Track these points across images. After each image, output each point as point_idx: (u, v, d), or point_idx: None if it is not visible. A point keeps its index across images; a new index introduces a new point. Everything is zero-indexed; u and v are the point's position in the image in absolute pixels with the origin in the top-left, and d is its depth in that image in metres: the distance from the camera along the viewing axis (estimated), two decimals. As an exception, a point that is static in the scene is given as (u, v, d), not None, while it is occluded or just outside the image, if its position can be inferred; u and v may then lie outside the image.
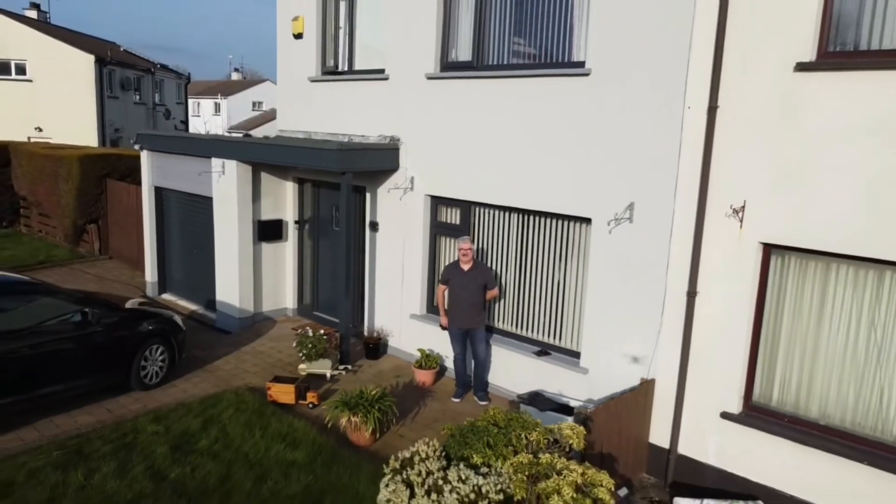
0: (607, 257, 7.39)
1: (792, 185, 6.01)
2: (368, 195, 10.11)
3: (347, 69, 10.48)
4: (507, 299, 8.81)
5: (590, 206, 7.49)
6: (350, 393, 7.36)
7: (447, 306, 8.40)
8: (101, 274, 14.37)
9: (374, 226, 10.08)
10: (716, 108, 6.37)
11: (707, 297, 6.67)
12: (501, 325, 8.88)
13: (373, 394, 7.35)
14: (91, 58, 28.49)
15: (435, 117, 9.02)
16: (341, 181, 9.17)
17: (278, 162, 10.43)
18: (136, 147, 13.25)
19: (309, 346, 9.09)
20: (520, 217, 8.52)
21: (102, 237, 16.03)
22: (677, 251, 6.79)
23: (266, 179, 11.14)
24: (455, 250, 8.67)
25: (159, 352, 8.59)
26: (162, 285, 13.19)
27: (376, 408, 7.17)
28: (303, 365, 9.14)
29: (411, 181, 9.39)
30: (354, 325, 10.19)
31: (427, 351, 9.13)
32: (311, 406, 8.11)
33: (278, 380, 8.38)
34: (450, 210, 9.27)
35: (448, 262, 8.88)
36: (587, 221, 7.66)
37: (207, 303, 11.97)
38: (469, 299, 8.21)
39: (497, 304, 8.85)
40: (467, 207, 8.98)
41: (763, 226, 6.24)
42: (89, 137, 28.86)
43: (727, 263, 6.49)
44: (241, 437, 7.06)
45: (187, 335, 9.24)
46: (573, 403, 7.32)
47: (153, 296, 12.97)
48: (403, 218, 9.61)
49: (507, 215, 8.65)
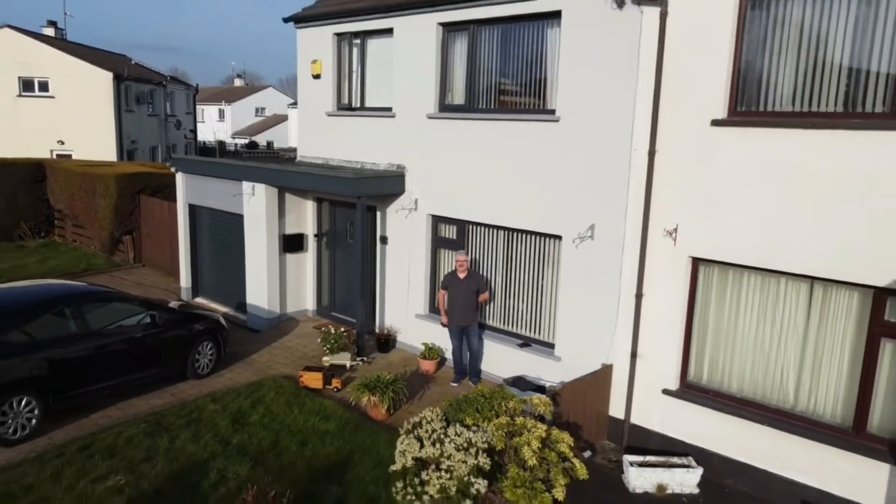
0: (574, 267, 9.20)
1: (710, 213, 7.82)
2: (379, 213, 11.91)
3: (360, 106, 12.28)
4: (496, 301, 10.62)
5: (560, 226, 9.30)
6: (369, 378, 9.17)
7: (446, 308, 10.20)
8: (139, 280, 16.14)
9: (384, 239, 11.88)
10: (654, 152, 8.17)
11: (651, 299, 8.47)
12: (491, 323, 10.70)
13: (387, 378, 9.16)
14: (109, 75, 30.25)
15: (435, 150, 10.82)
16: (357, 203, 10.97)
17: (302, 187, 12.23)
18: (171, 168, 14.98)
19: (332, 342, 10.91)
20: (506, 234, 10.33)
21: (136, 247, 17.83)
22: (627, 262, 8.60)
23: (289, 199, 12.94)
24: (453, 261, 10.49)
25: (209, 347, 10.40)
26: (195, 290, 14.98)
27: (390, 389, 8.98)
28: (326, 357, 10.94)
29: (415, 203, 11.19)
30: (368, 324, 11.98)
31: (430, 344, 10.94)
32: (336, 390, 9.91)
33: (308, 369, 10.18)
34: (448, 227, 11.08)
35: (447, 271, 10.68)
36: (559, 238, 9.46)
37: (237, 305, 13.75)
38: (465, 302, 10.02)
39: (488, 306, 10.66)
40: (463, 225, 10.79)
41: (691, 243, 8.05)
42: (108, 149, 30.62)
43: (665, 272, 8.30)
44: (283, 413, 8.87)
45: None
46: (548, 384, 9.13)
47: (187, 299, 14.74)
48: (409, 233, 11.41)
49: (496, 232, 10.46)
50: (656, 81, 8.04)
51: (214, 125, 65.28)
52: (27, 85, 30.28)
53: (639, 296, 8.51)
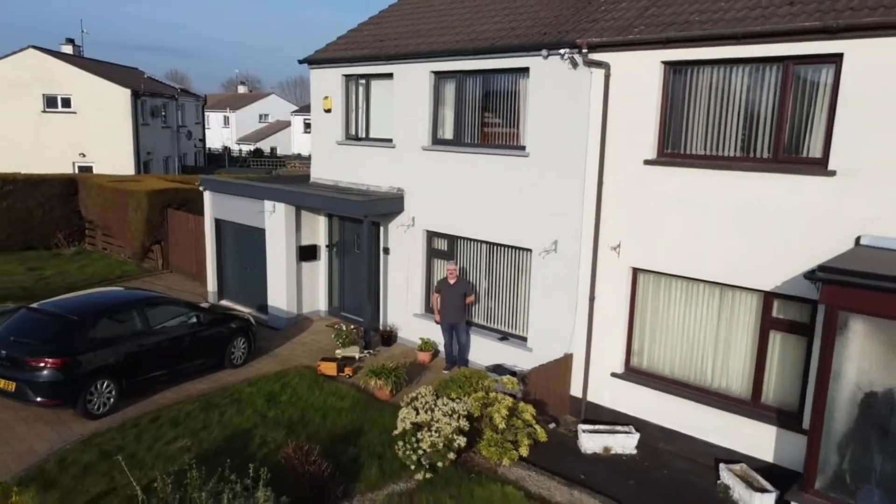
0: (542, 275, 11.31)
1: (644, 233, 9.92)
2: (382, 228, 14.00)
3: (365, 136, 14.39)
4: (481, 303, 12.72)
5: (530, 242, 11.40)
6: (375, 366, 11.28)
7: (439, 308, 12.29)
8: (169, 285, 18.23)
9: (387, 250, 13.99)
10: (602, 183, 10.27)
11: (601, 300, 10.57)
12: (477, 320, 12.80)
13: (390, 367, 11.27)
14: (127, 91, 32.40)
15: (429, 176, 12.92)
16: (363, 220, 13.07)
17: (317, 206, 14.34)
18: (200, 187, 17.06)
19: (343, 337, 13.02)
20: (488, 247, 12.44)
21: (164, 255, 19.94)
22: (583, 271, 10.69)
23: (304, 215, 15.03)
24: (444, 269, 12.58)
25: (242, 342, 12.50)
26: (220, 293, 17.08)
27: (393, 375, 11.09)
28: (339, 350, 13.04)
29: (413, 220, 13.29)
30: (373, 322, 14.05)
31: (426, 339, 13.04)
32: (348, 377, 12.01)
33: (324, 359, 12.29)
34: (440, 241, 13.18)
35: (440, 278, 12.77)
36: (529, 251, 11.57)
37: (259, 307, 15.83)
38: (454, 303, 12.11)
39: (474, 307, 12.75)
40: (452, 239, 12.89)
41: (631, 257, 10.16)
42: (126, 161, 32.80)
43: (612, 279, 10.40)
44: (307, 394, 10.98)
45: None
46: (519, 370, 11.24)
47: (214, 301, 16.83)
48: (407, 245, 13.51)
49: (480, 245, 12.57)
50: (602, 127, 10.14)
51: (220, 131, 67.34)
52: (51, 101, 32.44)
53: (592, 298, 10.61)
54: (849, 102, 7.97)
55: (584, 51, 10.04)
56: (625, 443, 9.88)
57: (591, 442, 9.86)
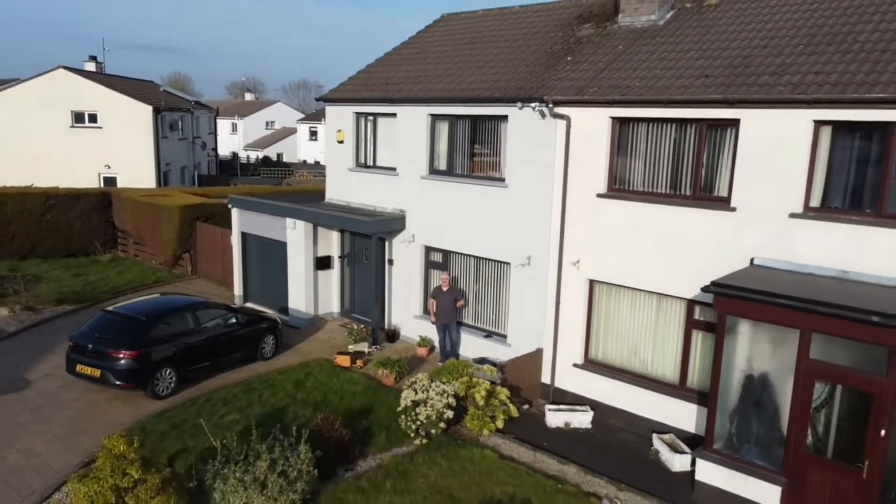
0: (519, 283, 13.82)
1: (598, 251, 12.44)
2: (387, 243, 16.52)
3: (372, 164, 16.92)
4: (469, 306, 15.25)
5: (509, 256, 13.91)
6: (382, 359, 13.82)
7: (435, 311, 14.79)
8: (199, 290, 20.74)
9: (391, 261, 16.51)
10: (565, 211, 12.77)
11: (566, 305, 13.08)
12: (466, 321, 15.32)
13: (394, 359, 13.80)
14: (149, 108, 34.93)
15: (426, 200, 15.43)
16: (372, 236, 15.60)
17: (332, 224, 16.87)
18: (229, 205, 19.56)
19: (354, 335, 15.56)
20: (475, 260, 14.96)
21: (193, 262, 22.48)
22: (550, 281, 13.20)
23: (321, 230, 17.55)
24: (439, 278, 15.10)
25: (271, 338, 15.03)
26: (245, 297, 19.61)
27: (397, 365, 13.61)
28: (351, 345, 15.55)
29: (413, 236, 15.82)
30: (379, 322, 16.55)
31: (424, 337, 15.56)
32: (360, 367, 14.54)
33: (339, 353, 14.82)
34: (436, 254, 15.71)
35: (435, 285, 15.28)
36: (508, 264, 14.09)
37: (280, 308, 18.33)
38: (447, 307, 14.62)
39: (464, 310, 15.26)
40: (446, 253, 15.42)
41: (587, 270, 12.67)
42: (147, 172, 35.32)
43: (573, 288, 12.91)
44: (326, 381, 13.51)
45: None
46: (498, 361, 13.76)
47: (240, 304, 19.35)
48: (409, 258, 16.03)
49: (468, 258, 15.10)
50: (565, 166, 12.65)
51: (228, 138, 69.88)
52: (78, 117, 34.99)
53: (557, 303, 13.12)
54: (745, 157, 10.49)
55: (550, 105, 12.55)
56: (582, 419, 12.38)
57: (555, 418, 12.37)
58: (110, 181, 34.48)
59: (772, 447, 9.50)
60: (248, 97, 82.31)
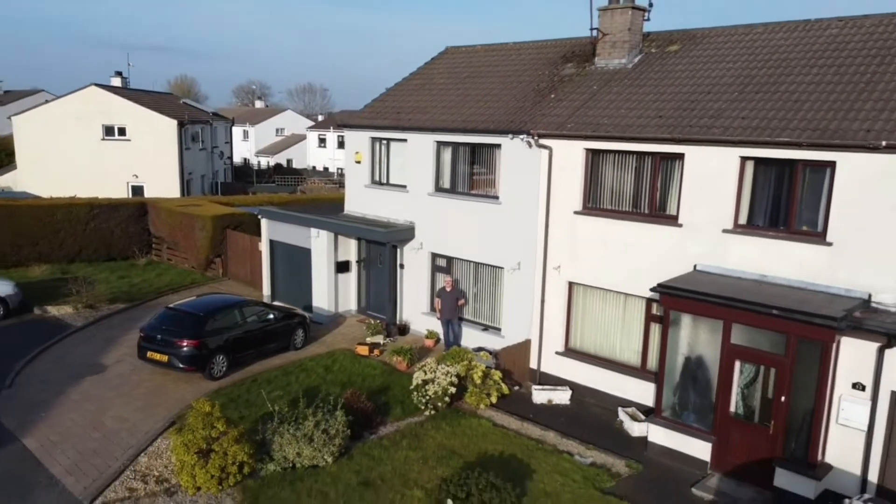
0: (511, 285, 16.46)
1: (575, 258, 15.06)
2: (399, 250, 19.15)
3: (386, 182, 19.58)
4: (470, 304, 17.88)
5: (502, 261, 16.55)
6: (395, 348, 16.47)
7: (440, 308, 17.41)
8: (230, 290, 23.39)
9: (402, 266, 19.16)
10: (548, 224, 15.39)
11: (549, 303, 15.71)
12: (467, 317, 17.96)
13: (406, 348, 16.45)
14: (174, 122, 37.71)
15: (433, 213, 18.07)
16: (386, 244, 18.24)
17: (351, 233, 19.54)
18: (258, 216, 22.22)
19: (372, 329, 18.23)
20: (474, 265, 17.61)
21: (224, 266, 25.17)
22: (537, 283, 15.83)
23: (341, 238, 20.20)
24: (443, 280, 17.76)
25: (300, 332, 17.69)
26: (273, 296, 22.27)
27: (408, 353, 16.27)
28: (368, 338, 18.19)
29: (421, 244, 18.46)
30: (392, 318, 19.17)
31: (430, 330, 18.20)
32: (377, 356, 17.18)
33: (359, 344, 17.47)
34: (441, 259, 18.35)
35: (440, 287, 17.91)
36: (502, 268, 16.72)
37: (304, 306, 20.97)
38: (450, 305, 17.24)
39: (465, 307, 17.88)
40: (450, 259, 18.07)
41: (567, 274, 15.30)
42: (172, 181, 38.10)
43: (555, 289, 15.54)
44: (350, 366, 16.17)
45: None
46: (493, 350, 16.40)
47: (268, 302, 21.98)
48: (418, 263, 18.68)
49: (468, 263, 17.74)
50: (548, 187, 15.28)
51: (240, 144, 72.63)
52: (108, 130, 37.79)
53: (543, 301, 15.75)
54: (689, 183, 13.10)
55: (536, 137, 15.19)
56: (562, 397, 15.01)
57: (540, 396, 15.00)
58: (138, 190, 37.25)
59: (705, 413, 12.13)
60: (259, 105, 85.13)
